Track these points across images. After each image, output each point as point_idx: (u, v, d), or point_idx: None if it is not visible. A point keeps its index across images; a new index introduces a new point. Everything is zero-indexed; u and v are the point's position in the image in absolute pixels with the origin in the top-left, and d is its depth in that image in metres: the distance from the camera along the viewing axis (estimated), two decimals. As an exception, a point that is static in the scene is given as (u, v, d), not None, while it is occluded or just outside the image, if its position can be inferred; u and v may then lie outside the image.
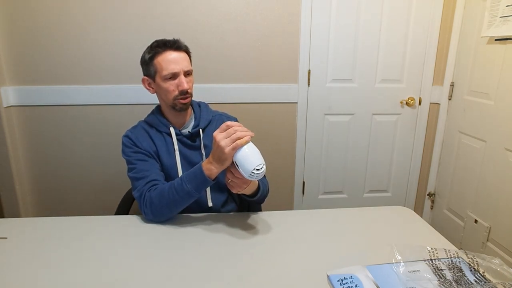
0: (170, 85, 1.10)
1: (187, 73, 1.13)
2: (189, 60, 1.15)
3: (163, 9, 1.88)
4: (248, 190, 1.03)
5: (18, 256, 0.87)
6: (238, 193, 1.01)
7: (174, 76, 1.10)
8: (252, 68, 2.03)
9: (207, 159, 0.98)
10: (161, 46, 1.10)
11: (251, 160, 0.89)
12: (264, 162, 0.90)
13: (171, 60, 1.09)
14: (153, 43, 1.12)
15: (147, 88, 1.18)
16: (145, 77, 1.16)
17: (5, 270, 0.81)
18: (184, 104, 1.13)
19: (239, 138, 0.89)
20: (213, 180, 0.98)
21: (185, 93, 1.11)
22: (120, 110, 1.98)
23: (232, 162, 0.93)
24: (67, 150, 2.01)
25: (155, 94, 1.19)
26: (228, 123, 0.92)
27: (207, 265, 0.84)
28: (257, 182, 1.07)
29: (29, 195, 2.04)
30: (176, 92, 1.11)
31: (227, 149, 0.89)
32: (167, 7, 1.88)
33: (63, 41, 1.85)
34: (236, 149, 0.90)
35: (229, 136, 0.90)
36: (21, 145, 1.97)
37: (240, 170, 0.90)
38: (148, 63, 1.12)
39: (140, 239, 0.95)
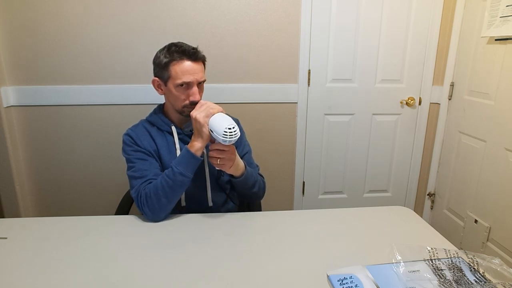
0: (182, 94, 1.10)
1: (200, 83, 1.13)
2: (204, 70, 1.15)
3: (163, 9, 1.88)
4: (235, 170, 1.09)
5: (18, 256, 0.87)
6: (229, 172, 1.08)
7: (187, 85, 1.10)
8: (252, 68, 2.03)
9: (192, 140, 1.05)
10: (179, 53, 1.08)
11: (222, 123, 0.98)
12: (235, 124, 0.98)
13: (187, 70, 1.08)
14: (171, 46, 1.10)
15: (156, 89, 1.17)
16: (157, 78, 1.14)
17: (5, 270, 0.81)
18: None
19: (211, 109, 1.02)
20: (201, 157, 1.05)
21: (195, 104, 1.10)
22: (120, 110, 1.98)
23: (212, 139, 1.04)
24: (67, 150, 2.01)
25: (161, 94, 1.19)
26: (202, 102, 1.06)
27: (207, 265, 0.84)
28: (243, 164, 1.12)
29: (29, 195, 2.04)
30: (187, 102, 1.11)
31: (200, 116, 1.00)
32: (167, 7, 1.88)
33: (63, 41, 1.85)
34: (209, 116, 1.01)
35: (202, 109, 1.02)
36: (21, 145, 1.97)
37: (215, 135, 0.99)
38: (163, 67, 1.10)
39: (140, 239, 0.95)
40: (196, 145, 1.03)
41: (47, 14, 1.81)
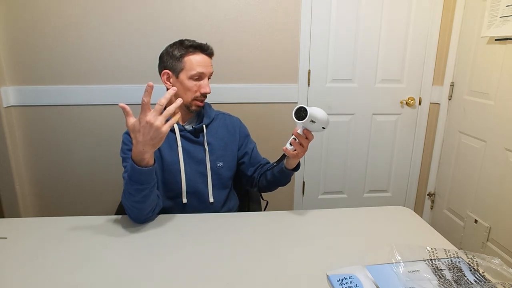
0: (194, 86, 1.13)
1: (209, 77, 1.17)
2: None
3: (163, 10, 1.88)
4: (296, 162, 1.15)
5: (18, 256, 0.87)
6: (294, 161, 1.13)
7: (200, 77, 1.13)
8: (252, 68, 2.03)
9: (133, 145, 0.92)
10: (195, 47, 1.13)
11: (322, 112, 1.01)
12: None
13: (202, 61, 1.13)
14: (184, 41, 1.14)
15: (164, 82, 1.16)
16: (167, 70, 1.14)
17: (5, 270, 0.81)
18: (199, 106, 1.17)
19: (169, 114, 0.89)
20: (151, 165, 0.94)
21: (205, 96, 1.16)
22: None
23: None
24: (67, 150, 2.01)
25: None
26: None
27: (207, 265, 0.84)
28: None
29: (29, 195, 2.04)
30: (198, 93, 1.14)
31: (164, 128, 0.88)
32: (167, 8, 1.88)
33: (63, 41, 1.85)
34: (171, 124, 0.90)
35: (160, 114, 0.88)
36: (21, 145, 1.97)
37: (317, 124, 1.01)
38: (177, 59, 1.12)
39: (140, 239, 0.95)
40: (146, 154, 0.91)
41: (47, 14, 1.81)
